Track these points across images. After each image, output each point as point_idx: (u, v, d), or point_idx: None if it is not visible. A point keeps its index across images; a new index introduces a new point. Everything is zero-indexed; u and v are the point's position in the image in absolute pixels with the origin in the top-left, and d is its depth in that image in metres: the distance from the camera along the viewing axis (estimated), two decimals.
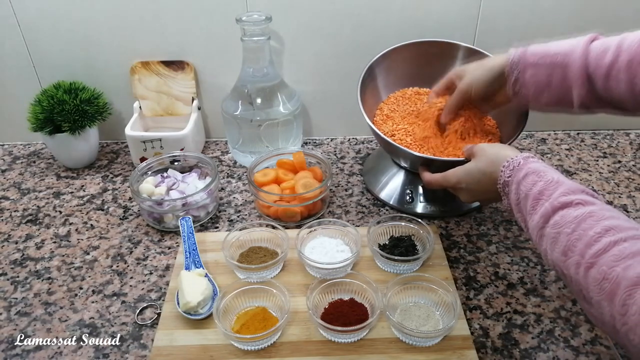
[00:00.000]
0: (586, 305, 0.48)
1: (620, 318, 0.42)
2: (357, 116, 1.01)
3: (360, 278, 0.70)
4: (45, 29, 0.96)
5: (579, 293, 0.48)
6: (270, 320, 0.66)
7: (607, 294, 0.43)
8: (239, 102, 0.95)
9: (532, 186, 0.56)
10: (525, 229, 0.58)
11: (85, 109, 0.95)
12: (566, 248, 0.49)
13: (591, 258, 0.46)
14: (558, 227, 0.50)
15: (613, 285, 0.43)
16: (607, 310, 0.43)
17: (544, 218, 0.53)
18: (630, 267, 0.42)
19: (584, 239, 0.47)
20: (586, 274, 0.46)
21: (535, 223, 0.54)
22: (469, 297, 0.73)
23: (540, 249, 0.55)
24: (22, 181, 0.99)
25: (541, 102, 0.70)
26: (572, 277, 0.48)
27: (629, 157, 1.02)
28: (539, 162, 0.60)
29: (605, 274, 0.44)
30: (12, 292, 0.75)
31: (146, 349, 0.66)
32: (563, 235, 0.49)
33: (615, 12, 0.94)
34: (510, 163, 0.61)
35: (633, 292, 0.41)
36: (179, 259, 0.78)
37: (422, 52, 0.93)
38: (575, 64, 0.64)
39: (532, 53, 0.69)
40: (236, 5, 0.93)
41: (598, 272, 0.45)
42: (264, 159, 0.91)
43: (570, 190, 0.53)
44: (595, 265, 0.45)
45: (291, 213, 0.85)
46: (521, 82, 0.70)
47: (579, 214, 0.50)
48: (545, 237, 0.52)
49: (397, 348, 0.64)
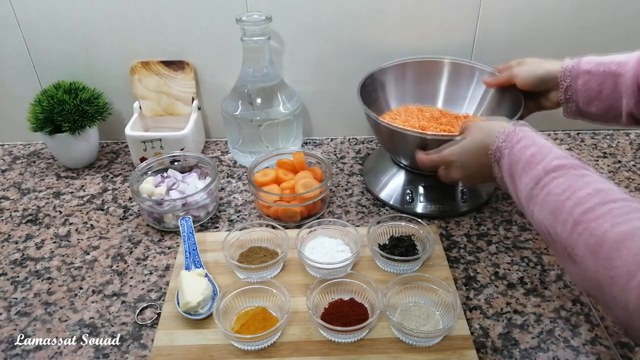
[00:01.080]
0: (570, 264, 0.48)
1: (605, 272, 0.42)
2: (357, 116, 1.01)
3: (360, 278, 0.70)
4: (45, 29, 0.96)
5: (564, 252, 0.48)
6: (270, 320, 0.66)
7: (592, 249, 0.44)
8: (239, 102, 0.95)
9: (525, 150, 0.57)
10: (514, 194, 0.58)
11: (85, 109, 0.95)
12: (555, 207, 0.49)
13: (579, 216, 0.46)
14: (548, 187, 0.51)
15: (599, 240, 0.43)
16: (592, 265, 0.44)
17: (535, 180, 0.53)
18: (618, 224, 0.43)
19: (573, 198, 0.48)
20: (573, 230, 0.46)
21: (525, 185, 0.54)
22: (469, 297, 0.73)
23: (527, 211, 0.55)
24: (22, 181, 0.99)
25: (590, 111, 0.71)
26: (558, 235, 0.48)
27: (629, 157, 1.02)
28: (534, 131, 0.61)
29: (592, 230, 0.45)
30: (12, 292, 0.75)
31: (146, 349, 0.66)
32: (553, 196, 0.50)
33: (615, 12, 0.94)
34: (506, 129, 0.62)
35: (619, 246, 0.42)
36: (179, 259, 0.78)
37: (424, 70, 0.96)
38: (627, 74, 0.65)
39: (587, 61, 0.70)
40: (236, 5, 0.93)
41: (585, 229, 0.45)
42: (264, 159, 0.91)
43: (562, 156, 0.54)
44: (583, 222, 0.46)
45: (291, 213, 0.85)
46: (573, 89, 0.71)
47: (570, 176, 0.51)
48: (534, 198, 0.52)
49: (397, 348, 0.64)
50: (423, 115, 0.93)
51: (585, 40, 0.98)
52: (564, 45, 0.98)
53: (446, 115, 0.94)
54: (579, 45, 0.98)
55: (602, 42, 0.98)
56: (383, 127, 0.81)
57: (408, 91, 0.98)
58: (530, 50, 0.98)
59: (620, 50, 0.99)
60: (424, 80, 0.97)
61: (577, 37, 0.97)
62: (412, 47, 0.98)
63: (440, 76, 0.97)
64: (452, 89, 0.97)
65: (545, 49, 0.98)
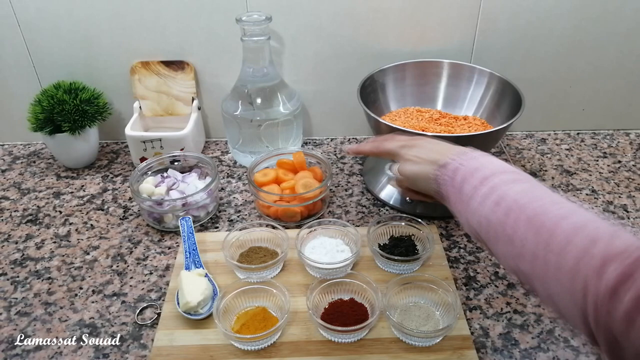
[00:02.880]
0: (508, 244, 0.50)
1: (544, 244, 0.46)
2: (357, 116, 1.01)
3: (360, 278, 0.70)
4: (45, 29, 0.96)
5: (501, 235, 0.51)
6: (270, 320, 0.66)
7: (535, 227, 0.48)
8: (239, 102, 0.95)
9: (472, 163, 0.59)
10: (455, 203, 0.59)
11: (85, 109, 0.95)
12: (500, 198, 0.52)
13: (525, 202, 0.50)
14: (494, 185, 0.54)
15: (543, 219, 0.48)
16: (532, 240, 0.47)
17: (481, 180, 0.56)
18: (561, 207, 0.48)
19: (519, 192, 0.52)
20: (518, 215, 0.50)
21: (470, 186, 0.56)
22: (469, 297, 0.73)
23: (466, 210, 0.56)
24: (22, 181, 0.99)
25: None
26: (499, 221, 0.51)
27: (629, 157, 1.02)
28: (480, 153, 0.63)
29: (536, 212, 0.49)
30: (12, 292, 0.75)
31: (146, 349, 0.66)
32: (498, 190, 0.53)
33: (615, 12, 0.94)
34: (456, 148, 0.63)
35: (561, 222, 0.46)
36: (179, 259, 0.78)
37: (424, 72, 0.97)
38: None
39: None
40: (236, 5, 0.93)
41: (530, 211, 0.49)
42: (264, 159, 0.91)
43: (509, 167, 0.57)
44: (528, 208, 0.50)
45: (291, 213, 0.85)
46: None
47: (516, 177, 0.55)
48: (478, 197, 0.55)
49: (397, 348, 0.64)
50: (422, 117, 0.93)
51: (585, 40, 0.98)
52: (564, 46, 0.98)
53: (446, 117, 0.94)
54: (579, 45, 0.98)
55: (601, 43, 0.98)
56: (384, 126, 0.81)
57: (408, 93, 0.98)
58: (530, 50, 0.99)
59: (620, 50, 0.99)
60: (423, 82, 0.98)
61: (577, 38, 0.97)
62: (411, 47, 0.98)
63: (440, 77, 0.98)
64: (451, 91, 0.98)
65: (545, 49, 0.99)
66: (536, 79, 1.02)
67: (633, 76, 1.02)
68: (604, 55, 1.00)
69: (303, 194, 0.83)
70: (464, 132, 0.88)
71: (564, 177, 0.97)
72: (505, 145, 1.07)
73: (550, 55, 0.99)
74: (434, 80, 0.98)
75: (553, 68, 1.01)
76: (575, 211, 0.48)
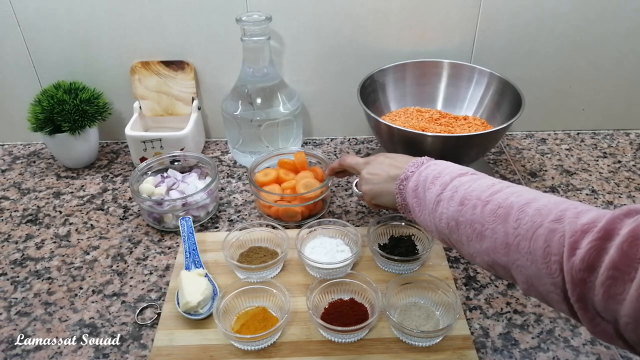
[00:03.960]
0: (477, 241, 0.52)
1: (513, 231, 0.48)
2: (357, 116, 1.01)
3: (360, 278, 0.70)
4: (45, 29, 0.96)
5: (472, 232, 0.52)
6: (270, 320, 0.66)
7: (502, 218, 0.49)
8: (239, 102, 0.95)
9: (431, 171, 0.61)
10: (419, 212, 0.61)
11: (85, 109, 0.95)
12: (463, 198, 0.54)
13: (487, 197, 0.52)
14: (455, 185, 0.56)
15: (507, 209, 0.49)
16: (501, 230, 0.49)
17: (442, 186, 0.58)
18: (522, 195, 0.50)
19: (479, 188, 0.54)
20: (482, 210, 0.51)
21: (433, 192, 0.58)
22: (469, 297, 0.73)
23: (434, 217, 0.58)
24: (22, 181, 0.99)
25: None
26: (466, 220, 0.53)
27: (629, 157, 1.02)
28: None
29: (499, 204, 0.50)
30: (12, 292, 0.75)
31: (146, 349, 0.66)
32: (460, 190, 0.55)
33: (615, 12, 0.94)
34: (414, 159, 0.66)
35: (525, 208, 0.48)
36: (179, 259, 0.78)
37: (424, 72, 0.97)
38: None
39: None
40: (236, 5, 0.93)
41: (494, 205, 0.51)
42: (265, 159, 0.91)
43: (465, 169, 0.60)
44: (491, 202, 0.51)
45: (292, 213, 0.85)
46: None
47: (475, 177, 0.57)
48: (442, 202, 0.57)
49: (397, 348, 0.64)
50: (422, 117, 0.93)
51: (585, 40, 0.98)
52: (564, 46, 0.98)
53: (446, 117, 0.94)
54: (579, 45, 0.98)
55: (601, 42, 0.98)
56: (383, 126, 0.81)
57: (408, 93, 0.98)
58: (530, 50, 0.99)
59: (620, 50, 0.99)
60: (423, 82, 0.98)
61: (577, 38, 0.97)
62: (411, 47, 0.98)
63: (440, 77, 0.98)
64: (451, 91, 0.98)
65: (545, 49, 0.99)
66: (536, 79, 1.02)
67: (633, 76, 1.02)
68: (604, 55, 1.00)
69: (304, 193, 0.83)
70: (464, 132, 0.88)
71: (564, 177, 0.97)
72: (505, 145, 1.07)
73: (550, 55, 0.99)
74: (434, 80, 0.98)
75: (553, 68, 1.01)
76: (536, 197, 0.49)
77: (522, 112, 0.80)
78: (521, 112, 0.80)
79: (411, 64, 0.97)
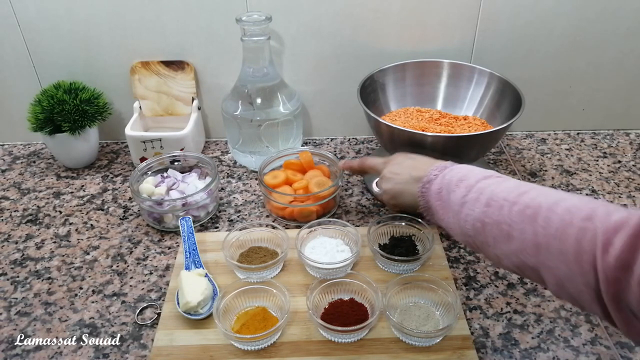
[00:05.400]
0: (505, 242, 0.51)
1: (543, 231, 0.47)
2: (357, 116, 1.01)
3: (360, 278, 0.70)
4: (45, 28, 0.96)
5: (499, 233, 0.51)
6: (270, 320, 0.66)
7: (530, 218, 0.48)
8: (239, 102, 0.95)
9: (455, 174, 0.61)
10: (443, 215, 0.61)
11: (85, 109, 0.95)
12: (489, 199, 0.54)
13: (514, 198, 0.51)
14: (481, 189, 0.56)
15: (536, 209, 0.48)
16: (530, 230, 0.48)
17: (467, 188, 0.57)
18: (550, 196, 0.49)
19: (506, 190, 0.53)
20: (510, 210, 0.51)
21: (458, 195, 0.58)
22: (469, 297, 0.73)
23: (458, 219, 0.57)
24: (22, 181, 0.99)
25: None
26: (493, 221, 0.52)
27: (629, 157, 1.02)
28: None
29: (527, 204, 0.50)
30: (12, 292, 0.75)
31: (146, 349, 0.66)
32: (486, 192, 0.55)
33: (615, 12, 0.94)
34: (440, 165, 0.65)
35: (554, 207, 0.47)
36: (179, 259, 0.78)
37: (424, 72, 0.97)
38: None
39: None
40: (236, 5, 0.93)
41: (521, 205, 0.50)
42: (271, 162, 0.91)
43: (489, 172, 0.59)
44: (518, 202, 0.51)
45: (307, 212, 0.84)
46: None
47: (500, 179, 0.57)
48: (467, 203, 0.56)
49: (397, 348, 0.64)
50: (422, 117, 0.93)
51: (585, 40, 0.98)
52: (564, 46, 0.98)
53: (446, 117, 0.94)
54: (579, 45, 0.98)
55: (601, 42, 0.98)
56: (384, 126, 0.81)
57: (408, 93, 0.98)
58: (530, 50, 0.99)
59: (620, 50, 0.99)
60: (423, 82, 0.98)
61: (577, 38, 0.97)
62: (411, 48, 0.98)
63: (440, 77, 0.98)
64: (451, 91, 0.98)
65: (545, 49, 0.99)
66: (536, 79, 1.02)
67: (633, 76, 1.02)
68: (604, 55, 1.00)
69: (318, 192, 0.83)
70: (464, 132, 0.88)
71: (564, 177, 0.97)
72: (505, 145, 1.07)
73: (550, 55, 0.99)
74: (434, 80, 0.98)
75: (553, 68, 1.01)
76: (564, 197, 0.49)
77: (522, 112, 0.80)
78: (521, 112, 0.80)
79: (411, 64, 0.97)
